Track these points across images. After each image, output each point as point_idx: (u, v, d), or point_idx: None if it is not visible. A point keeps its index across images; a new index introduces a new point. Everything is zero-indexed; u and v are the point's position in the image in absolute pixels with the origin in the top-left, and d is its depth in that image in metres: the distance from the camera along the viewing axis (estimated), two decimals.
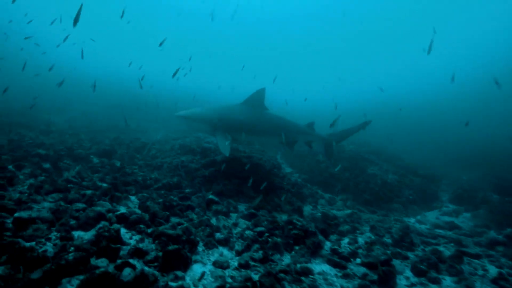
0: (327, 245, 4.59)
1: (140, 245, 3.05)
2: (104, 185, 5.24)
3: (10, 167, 5.21)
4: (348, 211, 7.59)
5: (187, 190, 6.14)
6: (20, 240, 2.55)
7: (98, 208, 3.65)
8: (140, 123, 14.41)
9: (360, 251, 4.51)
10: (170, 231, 3.45)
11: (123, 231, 3.56)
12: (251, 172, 7.61)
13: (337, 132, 9.06)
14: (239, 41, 58.60)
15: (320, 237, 4.36)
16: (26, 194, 3.94)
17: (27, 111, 11.85)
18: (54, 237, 3.03)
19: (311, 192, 8.68)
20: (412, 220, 7.50)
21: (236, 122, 7.36)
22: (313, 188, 9.37)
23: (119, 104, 18.20)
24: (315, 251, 4.07)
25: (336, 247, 4.39)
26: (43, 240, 2.92)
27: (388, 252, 4.52)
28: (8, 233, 2.67)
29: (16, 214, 3.01)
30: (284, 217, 6.31)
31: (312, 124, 9.03)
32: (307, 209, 7.64)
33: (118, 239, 3.00)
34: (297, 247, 4.03)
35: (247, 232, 4.45)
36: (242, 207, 6.12)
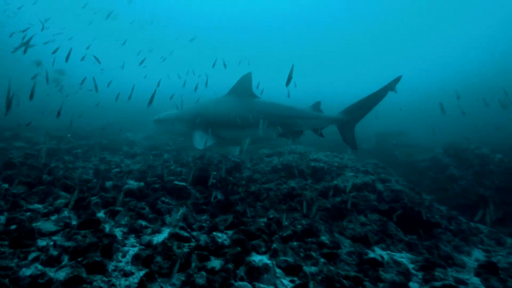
0: None
1: None
2: (224, 238, 3.69)
3: (101, 214, 3.95)
4: None
5: (324, 238, 4.33)
6: None
7: None
8: None
9: None
10: None
11: None
12: (390, 202, 5.60)
13: (351, 107, 6.70)
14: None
15: None
16: (135, 282, 2.45)
17: (106, 132, 11.38)
18: None
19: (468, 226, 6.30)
20: None
21: (218, 116, 5.89)
22: (452, 213, 6.95)
23: None
24: None
25: None
26: None
27: None
28: None
29: None
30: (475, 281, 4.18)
31: (318, 104, 6.83)
32: (478, 255, 5.36)
33: None
34: None
35: None
36: (407, 262, 4.12)
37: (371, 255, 3.84)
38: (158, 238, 3.50)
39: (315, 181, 6.32)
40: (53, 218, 3.60)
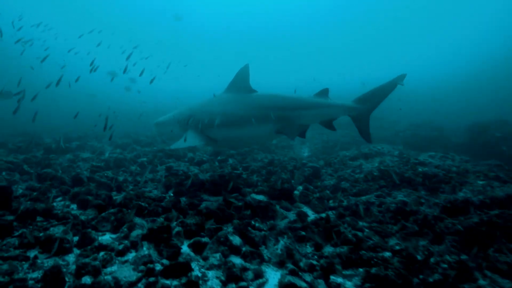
0: None
1: None
2: None
3: (185, 248, 3.11)
4: None
5: (484, 283, 3.03)
6: None
7: None
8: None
9: None
10: None
11: None
12: None
13: (365, 95, 5.73)
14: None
15: None
16: None
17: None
18: None
19: None
20: None
21: (209, 115, 5.31)
22: None
23: None
24: None
25: None
26: None
27: None
28: None
29: None
30: None
31: (325, 91, 5.63)
32: None
33: None
34: None
35: None
36: None
37: None
38: None
39: (429, 193, 4.95)
40: (130, 257, 2.83)
